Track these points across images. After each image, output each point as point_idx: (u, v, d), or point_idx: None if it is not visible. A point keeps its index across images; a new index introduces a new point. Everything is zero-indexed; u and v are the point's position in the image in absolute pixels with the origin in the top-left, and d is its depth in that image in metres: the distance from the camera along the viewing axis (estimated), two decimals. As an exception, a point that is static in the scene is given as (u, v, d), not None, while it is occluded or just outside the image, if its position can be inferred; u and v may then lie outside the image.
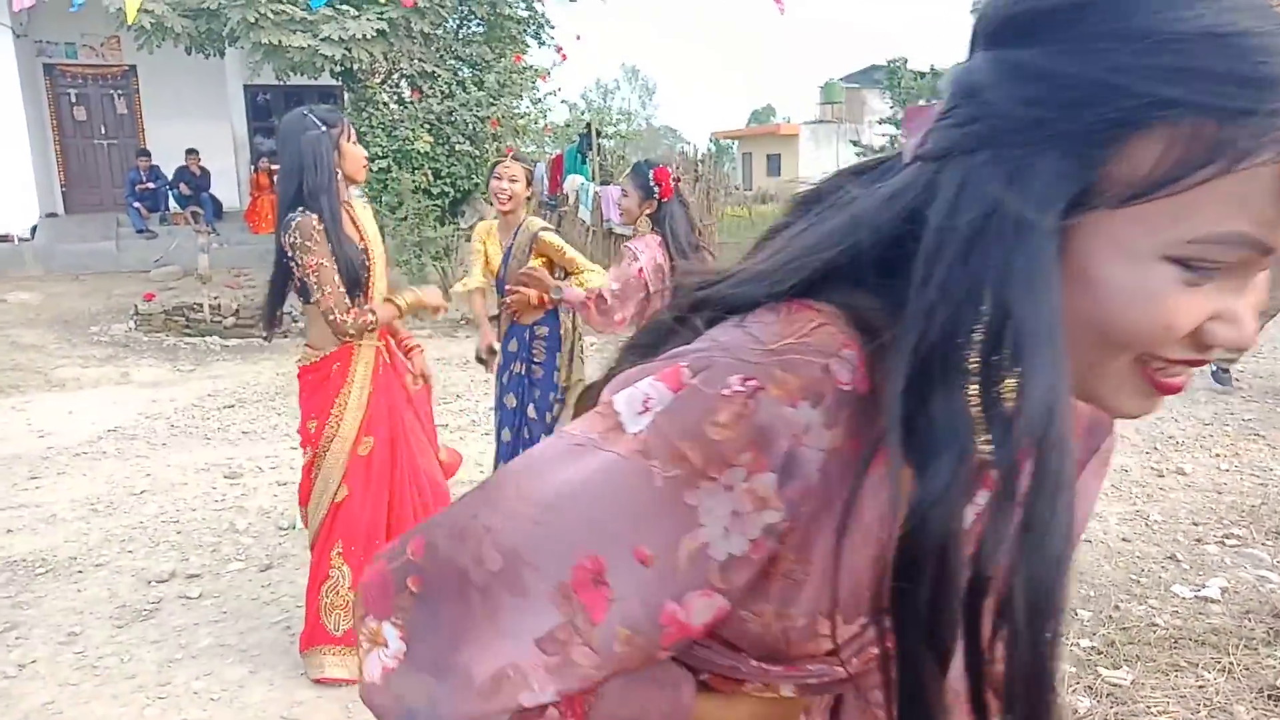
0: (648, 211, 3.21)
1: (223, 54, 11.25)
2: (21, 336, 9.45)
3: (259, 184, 13.80)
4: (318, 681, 2.81)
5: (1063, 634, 0.52)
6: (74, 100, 13.99)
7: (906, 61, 21.05)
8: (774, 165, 32.33)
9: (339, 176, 2.67)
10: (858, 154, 20.67)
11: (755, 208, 12.52)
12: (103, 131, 14.25)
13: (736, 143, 37.62)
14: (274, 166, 13.55)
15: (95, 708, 2.71)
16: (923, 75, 20.61)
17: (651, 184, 3.18)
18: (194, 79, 13.58)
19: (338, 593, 2.79)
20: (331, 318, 2.55)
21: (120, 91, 14.16)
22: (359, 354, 2.74)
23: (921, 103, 20.70)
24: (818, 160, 24.79)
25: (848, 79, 32.26)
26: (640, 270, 3.04)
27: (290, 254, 2.56)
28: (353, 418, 2.71)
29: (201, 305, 10.36)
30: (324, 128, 2.63)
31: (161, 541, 4.03)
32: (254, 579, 3.63)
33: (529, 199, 3.63)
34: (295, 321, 10.32)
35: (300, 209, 2.57)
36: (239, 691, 2.80)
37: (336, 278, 2.57)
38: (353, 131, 2.80)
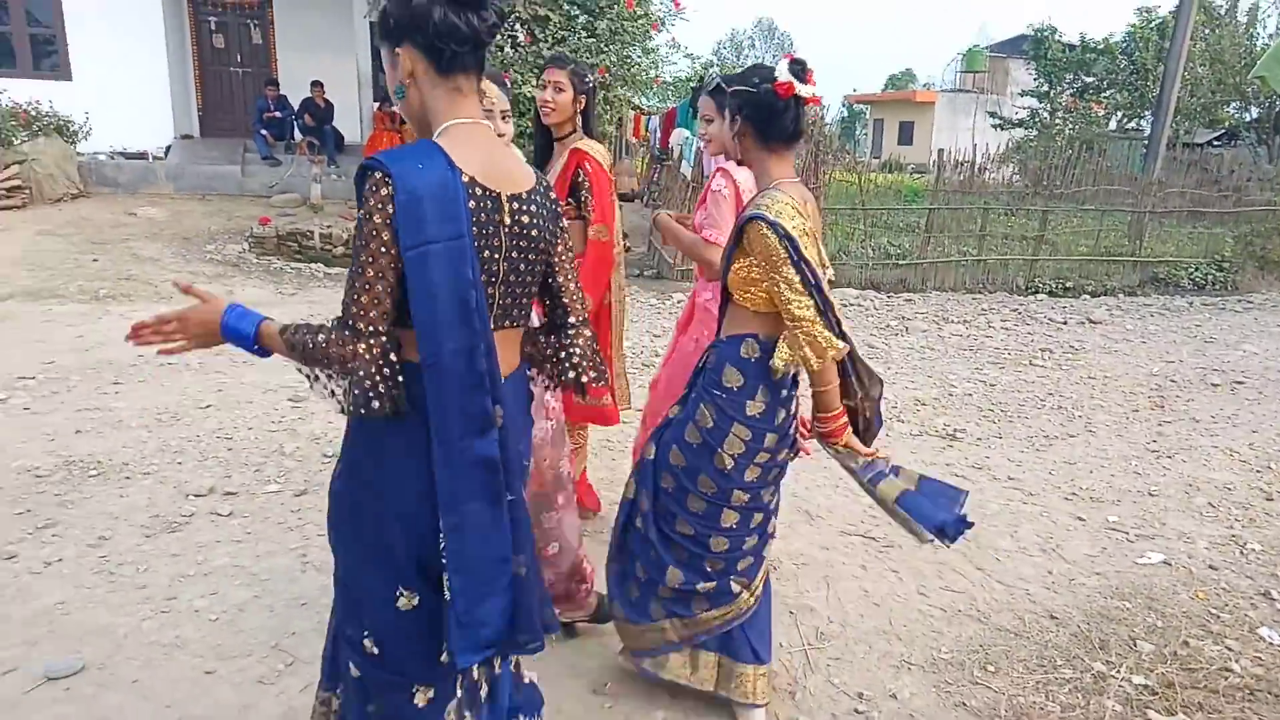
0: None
1: (349, -13, 11.41)
2: (143, 249, 9.95)
3: (380, 121, 14.06)
4: None
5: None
6: (213, 28, 14.53)
7: (1055, 31, 19.56)
8: (906, 133, 30.91)
9: None
10: (994, 125, 19.44)
11: (867, 175, 11.81)
12: (238, 60, 14.78)
13: (869, 108, 36.20)
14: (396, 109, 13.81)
15: (99, 614, 2.75)
16: (1072, 48, 19.13)
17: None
18: (324, 13, 13.88)
19: None
20: None
21: (256, 22, 14.63)
22: None
23: (1069, 77, 19.28)
24: (954, 131, 23.44)
25: (994, 47, 30.45)
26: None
27: None
28: None
29: (313, 233, 10.67)
30: None
31: (210, 457, 4.11)
32: (286, 503, 3.65)
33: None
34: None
35: None
36: (238, 615, 2.80)
37: None
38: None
